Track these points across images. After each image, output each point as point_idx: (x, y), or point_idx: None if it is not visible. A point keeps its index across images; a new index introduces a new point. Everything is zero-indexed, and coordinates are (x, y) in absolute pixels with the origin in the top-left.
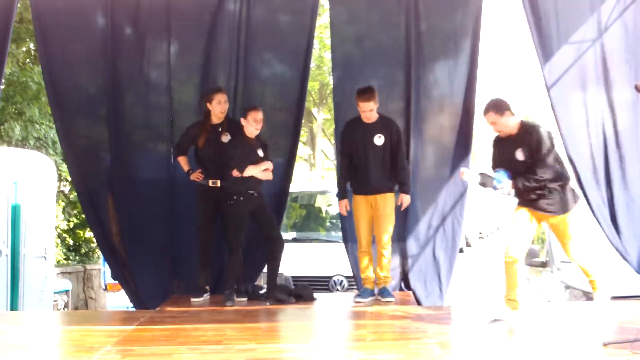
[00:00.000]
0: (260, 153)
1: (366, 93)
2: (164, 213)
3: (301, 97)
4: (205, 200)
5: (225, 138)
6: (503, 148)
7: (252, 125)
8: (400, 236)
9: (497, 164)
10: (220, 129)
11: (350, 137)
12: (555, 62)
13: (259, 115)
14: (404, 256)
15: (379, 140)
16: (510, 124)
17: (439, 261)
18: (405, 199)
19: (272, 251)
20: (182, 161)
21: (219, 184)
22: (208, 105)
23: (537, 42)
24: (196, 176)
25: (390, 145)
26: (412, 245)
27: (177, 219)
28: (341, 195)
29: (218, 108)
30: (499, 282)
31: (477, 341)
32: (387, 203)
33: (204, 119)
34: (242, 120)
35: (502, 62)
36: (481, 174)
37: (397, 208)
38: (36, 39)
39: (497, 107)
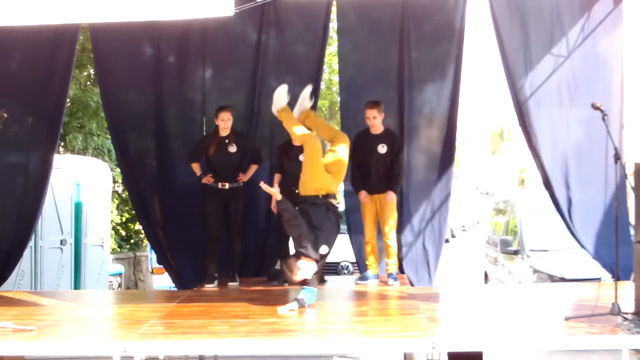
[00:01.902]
0: None
1: (372, 102)
2: (199, 209)
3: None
4: (215, 200)
5: (232, 148)
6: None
7: None
8: (397, 229)
9: None
10: (227, 141)
11: (359, 145)
12: (525, 84)
13: None
14: (399, 246)
15: (382, 149)
16: None
17: (428, 251)
18: (390, 196)
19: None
20: (195, 167)
21: (227, 186)
22: (216, 120)
23: (510, 66)
24: (207, 179)
25: (392, 154)
26: (406, 237)
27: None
28: (358, 188)
29: (221, 124)
30: (478, 267)
31: (459, 316)
32: (388, 201)
33: (214, 131)
34: None
35: (483, 81)
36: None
37: (398, 205)
38: (95, 65)
39: None
